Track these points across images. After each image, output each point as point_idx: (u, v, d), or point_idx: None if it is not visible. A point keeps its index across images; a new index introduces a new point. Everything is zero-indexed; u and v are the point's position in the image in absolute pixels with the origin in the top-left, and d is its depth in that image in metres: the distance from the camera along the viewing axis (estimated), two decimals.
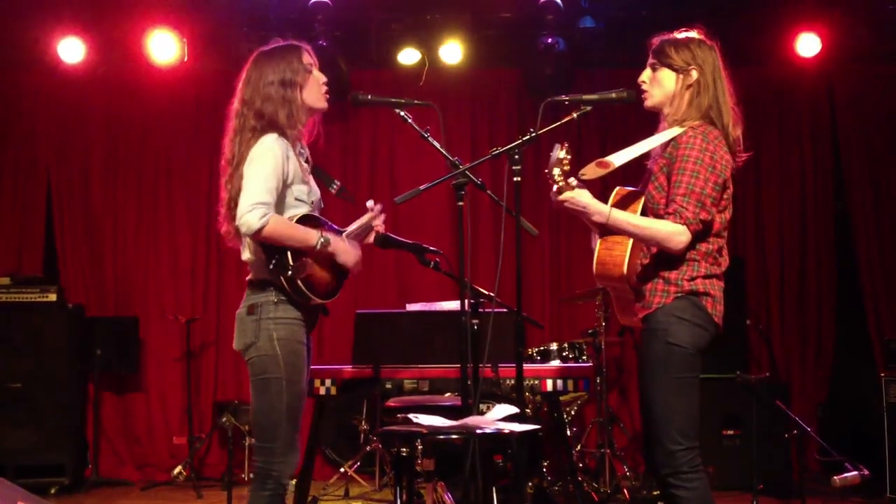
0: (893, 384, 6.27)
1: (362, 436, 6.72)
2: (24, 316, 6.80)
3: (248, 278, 3.59)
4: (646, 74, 3.57)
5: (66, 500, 6.56)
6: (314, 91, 3.65)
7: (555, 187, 3.27)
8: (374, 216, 3.84)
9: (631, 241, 3.42)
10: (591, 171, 3.37)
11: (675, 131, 3.42)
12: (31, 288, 6.89)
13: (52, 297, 6.88)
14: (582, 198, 3.32)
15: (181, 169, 7.63)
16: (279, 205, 3.47)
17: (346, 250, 3.60)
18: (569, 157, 3.22)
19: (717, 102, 3.45)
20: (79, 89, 7.46)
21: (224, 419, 6.89)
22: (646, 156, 3.49)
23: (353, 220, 3.82)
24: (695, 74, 3.46)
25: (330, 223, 3.65)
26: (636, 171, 3.57)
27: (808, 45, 7.06)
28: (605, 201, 3.47)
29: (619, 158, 3.37)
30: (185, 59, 7.10)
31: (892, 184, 7.43)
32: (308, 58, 3.65)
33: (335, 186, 3.83)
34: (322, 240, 3.48)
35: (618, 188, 3.58)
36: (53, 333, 6.82)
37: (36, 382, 6.72)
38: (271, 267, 3.42)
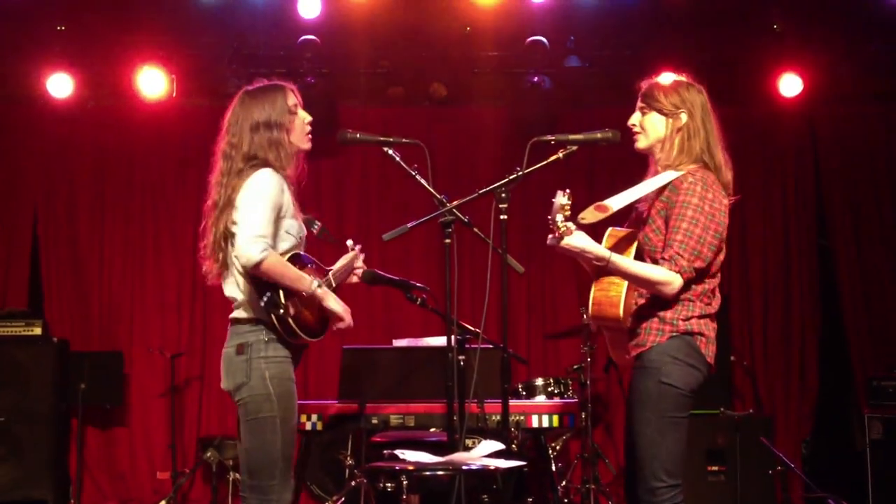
0: (876, 421, 6.31)
1: (347, 471, 6.69)
2: (9, 350, 6.76)
3: (231, 316, 3.57)
4: (635, 118, 3.60)
5: None
6: (299, 132, 3.67)
7: (556, 232, 3.29)
8: (356, 255, 3.86)
9: (626, 282, 3.45)
10: (590, 215, 3.40)
11: (670, 175, 3.45)
12: (15, 322, 6.87)
13: (37, 330, 6.86)
14: (581, 242, 3.33)
15: (168, 204, 7.63)
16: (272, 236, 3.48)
17: (336, 300, 3.61)
18: (570, 202, 3.23)
19: (709, 146, 3.49)
20: (67, 124, 7.47)
21: (208, 454, 6.85)
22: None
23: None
24: (684, 118, 3.50)
25: (315, 261, 3.67)
26: (623, 211, 3.59)
27: (790, 85, 7.15)
28: (597, 240, 3.50)
29: (616, 202, 3.40)
30: (174, 94, 7.15)
31: (874, 222, 7.51)
32: (293, 98, 3.67)
33: (316, 227, 3.85)
34: (316, 286, 3.49)
35: (611, 229, 3.60)
36: (38, 367, 6.78)
37: (19, 416, 6.67)
38: (263, 304, 3.42)
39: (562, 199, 3.21)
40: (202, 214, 3.63)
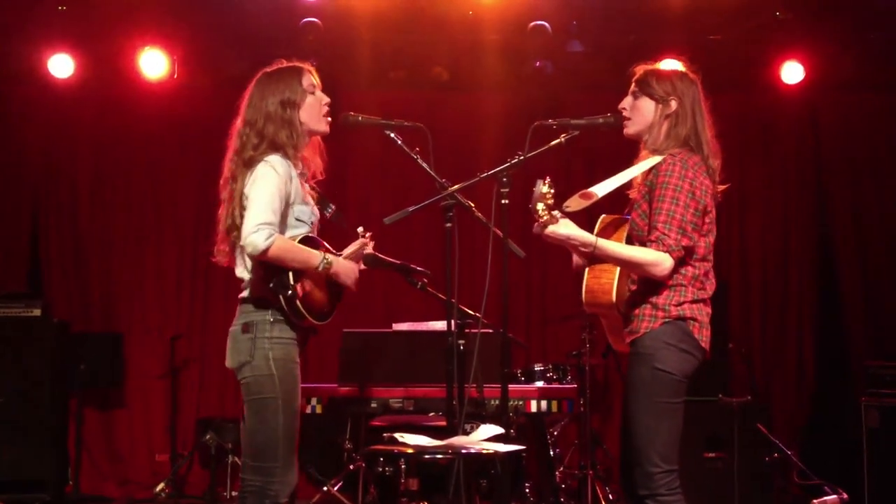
0: (873, 409, 6.32)
1: (346, 455, 6.70)
2: (8, 331, 6.76)
3: (241, 295, 3.58)
4: (626, 101, 3.62)
5: None
6: (314, 113, 3.67)
7: (539, 221, 3.30)
8: (365, 242, 3.87)
9: (618, 268, 3.46)
10: (574, 202, 3.41)
11: (654, 160, 3.48)
12: (15, 303, 6.86)
13: (37, 312, 6.85)
14: (565, 229, 3.35)
15: (169, 185, 7.63)
16: (281, 224, 3.49)
17: (346, 271, 3.63)
18: (552, 191, 3.24)
19: (697, 133, 3.50)
20: (68, 105, 7.45)
21: (207, 436, 6.87)
22: (627, 184, 3.53)
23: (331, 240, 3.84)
24: (673, 105, 3.52)
25: (327, 245, 3.67)
26: (618, 198, 3.60)
27: (792, 72, 7.13)
28: (591, 227, 3.50)
29: (602, 189, 3.42)
30: (175, 76, 7.13)
31: (874, 210, 7.51)
32: (309, 79, 3.68)
33: (330, 210, 3.86)
34: (325, 262, 3.50)
35: (603, 216, 3.63)
36: (37, 348, 6.78)
37: (18, 397, 6.68)
38: (271, 286, 3.43)
39: (542, 187, 3.23)
40: (216, 193, 3.63)
